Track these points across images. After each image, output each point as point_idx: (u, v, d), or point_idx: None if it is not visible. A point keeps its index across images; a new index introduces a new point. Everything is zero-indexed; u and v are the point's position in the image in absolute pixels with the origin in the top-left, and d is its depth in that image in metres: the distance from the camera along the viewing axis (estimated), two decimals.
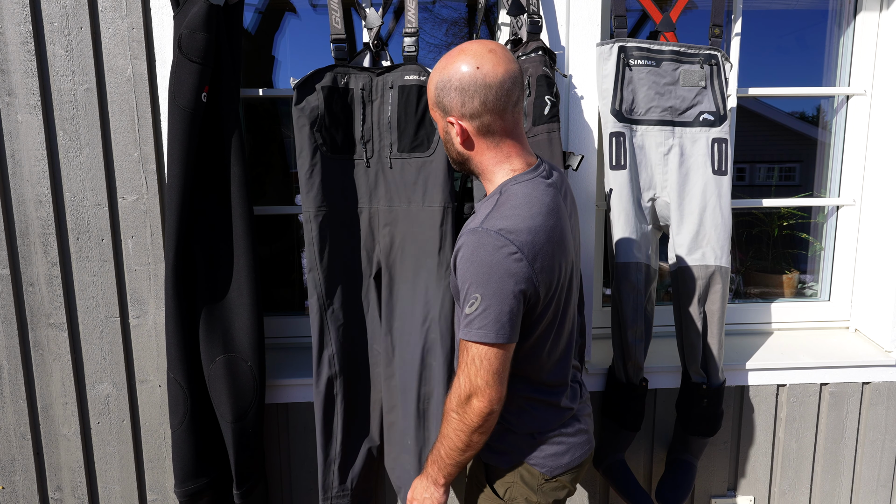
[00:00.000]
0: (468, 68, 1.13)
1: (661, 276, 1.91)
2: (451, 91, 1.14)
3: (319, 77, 1.62)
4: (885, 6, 1.98)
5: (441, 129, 1.23)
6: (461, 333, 1.13)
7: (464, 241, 1.13)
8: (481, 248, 1.09)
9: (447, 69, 1.15)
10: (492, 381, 1.12)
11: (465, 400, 1.14)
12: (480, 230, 1.11)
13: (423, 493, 1.28)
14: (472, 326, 1.10)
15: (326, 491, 1.75)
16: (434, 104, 1.20)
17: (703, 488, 2.02)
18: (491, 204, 1.16)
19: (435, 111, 1.21)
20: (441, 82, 1.16)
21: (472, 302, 1.09)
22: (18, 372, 1.78)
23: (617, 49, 1.71)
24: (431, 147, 1.66)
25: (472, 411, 1.14)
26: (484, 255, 1.09)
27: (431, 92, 1.19)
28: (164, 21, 1.65)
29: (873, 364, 1.98)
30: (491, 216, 1.13)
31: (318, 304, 1.68)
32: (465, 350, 1.13)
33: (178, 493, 1.67)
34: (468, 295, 1.10)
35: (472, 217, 1.20)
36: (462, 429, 1.16)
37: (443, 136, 1.25)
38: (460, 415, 1.16)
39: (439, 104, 1.18)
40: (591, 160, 1.83)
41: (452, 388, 1.18)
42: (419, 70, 1.63)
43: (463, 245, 1.13)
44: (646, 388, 1.80)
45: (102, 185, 1.71)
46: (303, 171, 1.63)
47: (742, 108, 2.05)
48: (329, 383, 1.71)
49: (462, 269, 1.12)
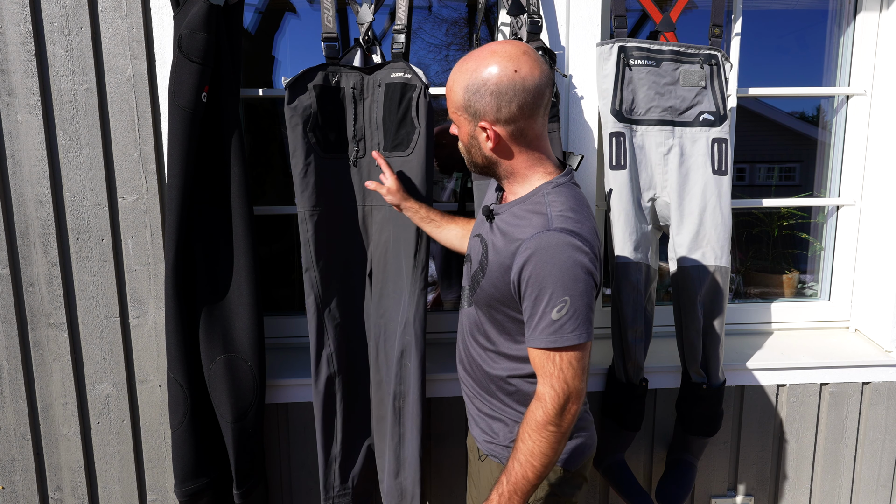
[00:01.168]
0: (505, 71, 1.08)
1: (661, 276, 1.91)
2: (486, 95, 1.09)
3: (311, 76, 1.62)
4: (885, 6, 1.97)
5: (465, 133, 1.17)
6: (544, 341, 1.08)
7: (535, 244, 1.08)
8: (561, 251, 1.07)
9: (479, 71, 1.09)
10: (586, 379, 1.12)
11: (563, 408, 1.09)
12: (553, 232, 1.08)
13: None
14: (564, 331, 1.07)
15: (328, 491, 1.75)
16: (460, 107, 1.13)
17: (703, 488, 2.02)
18: (539, 207, 1.13)
19: (459, 115, 1.15)
20: (473, 85, 1.10)
21: (560, 307, 1.06)
22: (18, 372, 1.78)
23: (617, 49, 1.71)
24: (410, 146, 1.64)
25: (569, 416, 1.11)
26: (565, 258, 1.06)
27: (458, 95, 1.12)
28: (164, 21, 1.65)
29: (873, 364, 1.98)
30: (553, 219, 1.10)
31: (315, 303, 1.68)
32: (556, 356, 1.09)
33: (178, 493, 1.67)
34: (552, 300, 1.06)
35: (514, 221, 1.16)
36: (561, 439, 1.11)
37: (465, 141, 1.18)
38: (558, 425, 1.10)
39: (468, 108, 1.12)
40: (591, 160, 1.83)
41: (539, 403, 1.11)
42: (405, 68, 1.62)
43: (536, 250, 1.08)
44: (646, 388, 1.80)
45: (102, 185, 1.71)
46: (297, 171, 1.63)
47: (742, 108, 2.05)
48: (328, 382, 1.71)
49: (540, 273, 1.07)
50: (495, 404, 1.31)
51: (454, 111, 1.16)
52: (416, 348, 1.65)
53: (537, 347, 1.10)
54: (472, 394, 1.37)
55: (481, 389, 1.33)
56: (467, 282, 1.32)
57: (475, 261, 1.26)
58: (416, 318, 1.65)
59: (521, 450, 1.12)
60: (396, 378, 1.68)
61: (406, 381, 1.68)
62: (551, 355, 1.09)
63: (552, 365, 1.09)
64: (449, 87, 1.15)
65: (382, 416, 1.76)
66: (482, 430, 1.36)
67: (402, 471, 1.71)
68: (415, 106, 1.61)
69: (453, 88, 1.14)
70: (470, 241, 1.36)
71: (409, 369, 1.67)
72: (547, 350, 1.09)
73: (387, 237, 1.70)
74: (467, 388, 1.40)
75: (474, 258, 1.27)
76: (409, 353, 1.66)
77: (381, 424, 1.76)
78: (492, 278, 1.18)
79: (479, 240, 1.27)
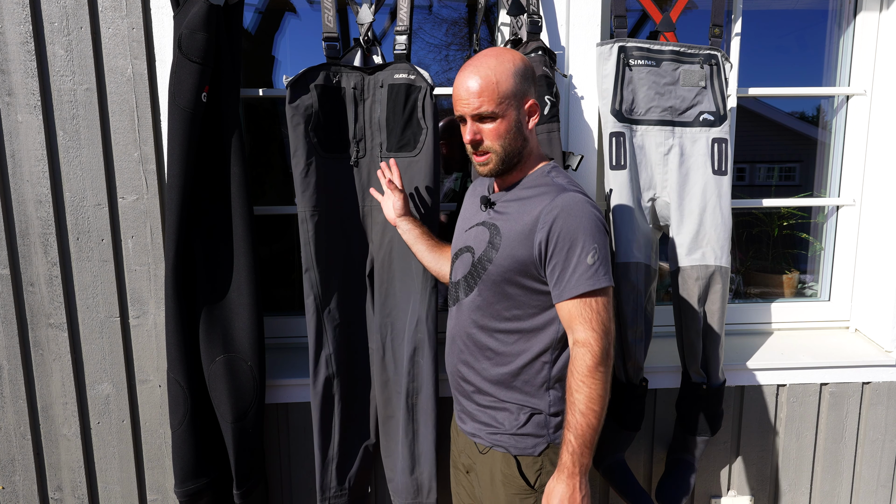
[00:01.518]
0: (521, 58, 1.25)
1: (661, 276, 1.91)
2: (531, 77, 1.26)
3: (313, 75, 1.62)
4: (885, 6, 1.98)
5: (511, 121, 1.24)
6: (583, 286, 1.16)
7: (561, 204, 1.19)
8: (583, 207, 1.19)
9: (516, 60, 1.24)
10: (614, 319, 1.22)
11: (607, 349, 1.17)
12: (571, 193, 1.21)
13: (577, 496, 1.18)
14: (598, 275, 1.17)
15: (324, 491, 1.76)
16: (510, 95, 1.22)
17: (703, 488, 2.02)
18: (547, 181, 1.28)
19: (507, 103, 1.23)
20: (519, 70, 1.23)
21: (592, 253, 1.17)
22: (18, 372, 1.78)
23: (617, 49, 1.71)
24: (417, 147, 1.65)
25: (611, 358, 1.19)
26: (588, 212, 1.19)
27: (509, 83, 1.21)
28: (164, 21, 1.65)
29: (873, 364, 1.98)
30: (566, 186, 1.24)
31: (314, 304, 1.68)
32: (590, 301, 1.17)
33: (178, 493, 1.67)
34: (585, 248, 1.17)
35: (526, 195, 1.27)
36: (609, 380, 1.18)
37: (508, 131, 1.25)
38: (606, 365, 1.17)
39: (517, 93, 1.23)
40: (591, 160, 1.83)
41: (584, 349, 1.17)
42: (408, 69, 1.63)
43: (562, 209, 1.18)
44: (646, 388, 1.80)
45: (102, 185, 1.71)
46: (298, 171, 1.63)
47: (742, 108, 2.05)
48: (327, 384, 1.71)
49: (569, 227, 1.18)
50: (501, 394, 1.32)
51: (501, 101, 1.22)
52: (428, 345, 1.66)
53: (575, 296, 1.18)
54: (473, 389, 1.37)
55: (488, 380, 1.33)
56: (464, 272, 1.35)
57: (480, 246, 1.31)
58: (428, 316, 1.66)
59: (579, 400, 1.16)
60: (409, 376, 1.68)
61: (419, 378, 1.69)
62: (588, 301, 1.17)
63: (590, 310, 1.17)
64: (491, 81, 1.21)
65: (390, 415, 1.75)
66: (483, 423, 1.36)
67: (417, 466, 1.72)
68: (421, 107, 1.62)
69: (501, 79, 1.21)
70: (465, 234, 1.39)
71: (421, 366, 1.68)
72: (584, 297, 1.17)
73: (391, 237, 1.70)
74: (466, 385, 1.39)
75: (477, 245, 1.32)
76: (423, 350, 1.67)
77: (388, 424, 1.76)
78: (508, 249, 1.24)
79: (482, 227, 1.32)
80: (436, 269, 1.55)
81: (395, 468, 1.76)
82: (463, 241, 1.39)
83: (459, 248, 1.40)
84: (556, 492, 1.19)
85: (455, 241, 1.44)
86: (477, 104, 1.22)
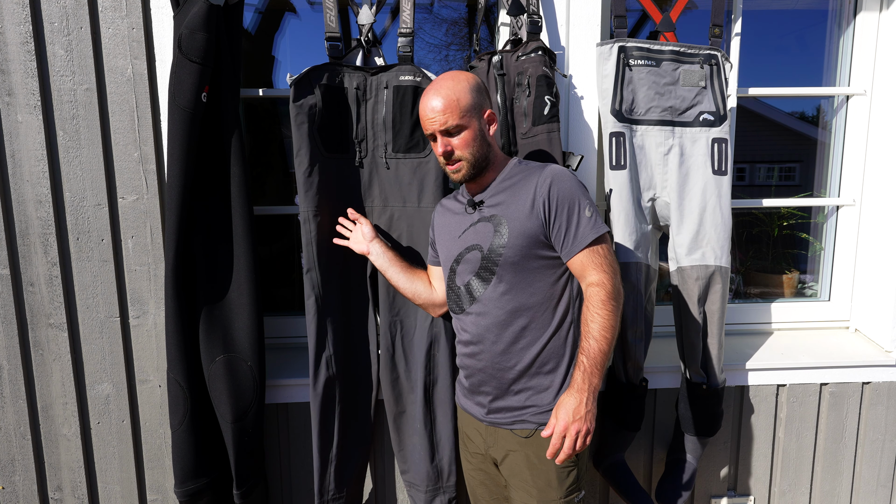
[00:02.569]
0: (474, 77, 1.42)
1: (661, 276, 1.91)
2: (483, 91, 1.42)
3: (317, 74, 1.62)
4: (885, 6, 1.97)
5: (474, 131, 1.39)
6: (590, 237, 1.33)
7: (550, 174, 1.37)
8: (568, 174, 1.38)
9: (469, 78, 1.41)
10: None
11: (617, 286, 1.33)
12: (554, 165, 1.41)
13: (582, 408, 1.25)
14: (598, 224, 1.35)
15: (323, 495, 1.75)
16: (471, 108, 1.38)
17: (703, 488, 2.02)
18: (524, 167, 1.44)
19: (469, 115, 1.38)
20: (473, 86, 1.40)
21: (587, 207, 1.35)
22: (18, 372, 1.78)
23: (617, 49, 1.71)
24: (427, 148, 1.67)
25: (621, 295, 1.34)
26: (573, 177, 1.38)
27: (468, 97, 1.37)
28: (164, 21, 1.65)
29: (873, 364, 1.98)
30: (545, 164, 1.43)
31: (315, 304, 1.68)
32: (597, 249, 1.35)
33: (178, 493, 1.67)
34: (581, 204, 1.35)
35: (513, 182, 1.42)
36: (619, 313, 1.32)
37: (472, 140, 1.39)
38: (616, 300, 1.32)
39: (475, 106, 1.39)
40: (591, 160, 1.83)
41: (597, 287, 1.31)
42: (414, 70, 1.63)
43: (553, 177, 1.36)
44: (646, 388, 1.80)
45: (102, 185, 1.71)
46: (301, 171, 1.63)
47: (742, 108, 2.05)
48: (327, 385, 1.71)
49: (564, 189, 1.35)
50: (538, 379, 1.42)
51: (464, 115, 1.38)
52: (445, 338, 1.70)
53: (584, 247, 1.34)
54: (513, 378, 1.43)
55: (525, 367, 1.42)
56: (474, 270, 1.43)
57: (485, 239, 1.41)
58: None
59: (593, 328, 1.30)
60: (425, 369, 1.72)
61: (436, 370, 1.72)
62: (595, 248, 1.34)
63: (598, 256, 1.34)
64: (452, 99, 1.36)
65: (402, 411, 1.77)
66: (525, 407, 1.43)
67: (437, 453, 1.75)
68: None
69: (460, 96, 1.37)
70: (459, 240, 1.46)
71: (438, 359, 1.71)
72: (591, 245, 1.34)
73: (398, 236, 1.71)
74: (507, 373, 1.43)
75: (482, 239, 1.42)
76: (439, 343, 1.71)
77: (399, 420, 1.78)
78: (517, 229, 1.37)
79: (480, 223, 1.43)
80: (411, 290, 1.63)
81: (410, 460, 1.78)
82: (461, 245, 1.46)
83: (458, 252, 1.46)
84: (565, 402, 1.27)
85: (447, 253, 1.51)
86: (443, 120, 1.36)
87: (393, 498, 1.94)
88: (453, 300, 1.50)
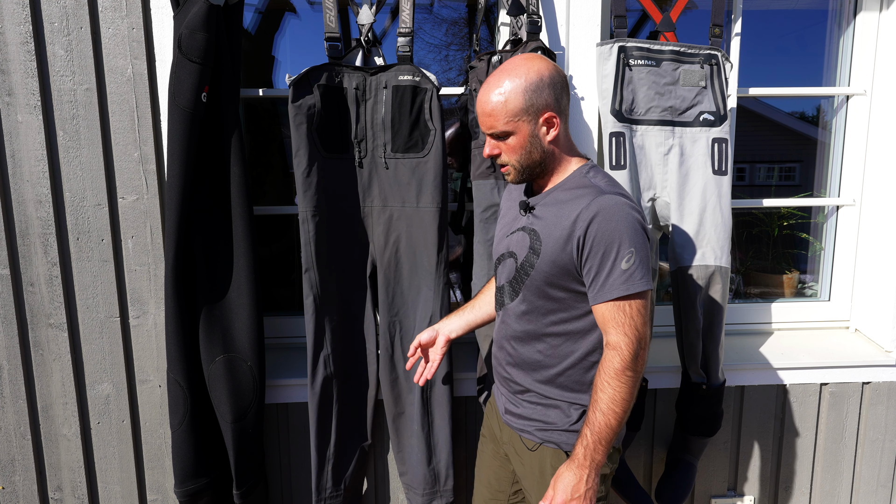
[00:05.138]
0: (551, 68, 1.25)
1: (661, 276, 1.91)
2: (546, 89, 1.23)
3: (316, 75, 1.62)
4: (885, 6, 1.97)
5: (525, 136, 1.25)
6: (618, 291, 1.18)
7: (596, 208, 1.19)
8: (620, 209, 1.19)
9: (530, 74, 1.22)
10: (651, 325, 1.22)
11: (637, 354, 1.19)
12: (609, 195, 1.21)
13: (581, 486, 1.20)
14: (633, 279, 1.18)
15: (320, 492, 1.76)
16: (520, 111, 1.23)
17: (703, 488, 2.02)
18: (584, 182, 1.27)
19: (518, 120, 1.23)
20: (531, 86, 1.22)
21: (628, 257, 1.17)
22: (18, 372, 1.78)
23: (617, 49, 1.71)
24: (426, 148, 1.66)
25: (641, 362, 1.20)
26: (625, 214, 1.19)
27: (517, 100, 1.22)
28: (164, 21, 1.65)
29: (873, 364, 1.98)
30: (604, 188, 1.24)
31: (314, 304, 1.68)
32: (626, 305, 1.19)
33: (178, 493, 1.67)
34: (621, 252, 1.17)
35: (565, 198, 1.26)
36: (636, 384, 1.20)
37: (523, 146, 1.26)
38: (634, 370, 1.19)
39: (530, 108, 1.23)
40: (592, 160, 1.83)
41: (615, 352, 1.19)
42: (413, 70, 1.63)
43: (599, 211, 1.19)
44: (646, 388, 1.80)
45: (102, 185, 1.71)
46: (300, 171, 1.63)
47: (742, 108, 2.05)
48: (325, 384, 1.71)
49: (605, 230, 1.18)
50: (551, 392, 1.34)
51: (510, 120, 1.23)
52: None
53: (609, 300, 1.19)
54: (521, 389, 1.39)
55: (537, 381, 1.36)
56: (508, 278, 1.36)
57: (522, 251, 1.32)
58: (441, 312, 1.69)
59: (602, 399, 1.19)
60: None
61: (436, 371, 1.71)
62: (622, 305, 1.19)
63: (623, 314, 1.19)
64: (499, 102, 1.23)
65: (400, 412, 1.77)
66: (533, 420, 1.38)
67: (434, 456, 1.75)
68: (428, 108, 1.64)
69: (508, 99, 1.22)
70: (506, 240, 1.39)
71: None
72: (618, 300, 1.19)
73: (397, 236, 1.71)
74: (514, 385, 1.40)
75: (519, 250, 1.33)
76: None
77: (398, 421, 1.78)
78: (549, 255, 1.25)
79: (522, 232, 1.33)
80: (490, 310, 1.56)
81: (409, 462, 1.78)
82: (505, 247, 1.40)
83: (502, 252, 1.41)
84: (563, 478, 1.21)
85: (497, 246, 1.45)
86: (490, 124, 1.26)
87: (391, 498, 1.94)
88: (496, 295, 1.45)
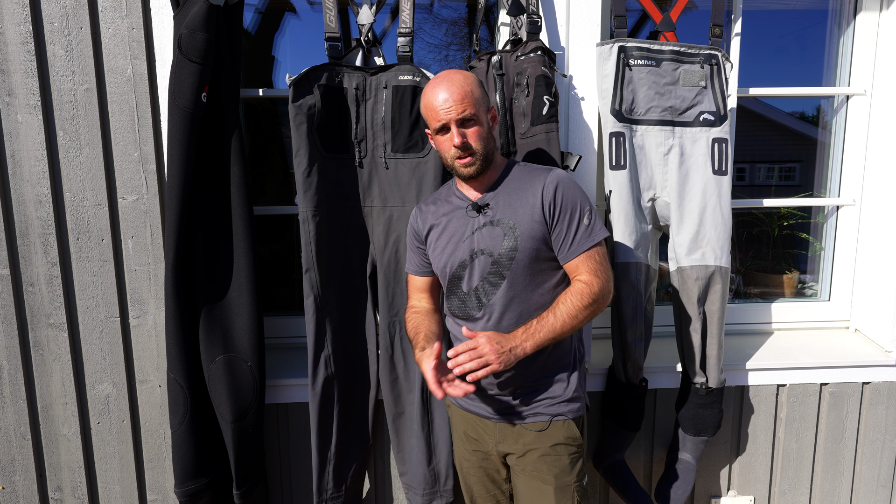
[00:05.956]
0: (476, 77, 1.42)
1: (661, 276, 1.91)
2: (482, 87, 1.41)
3: (316, 75, 1.62)
4: (885, 6, 1.97)
5: (483, 127, 1.38)
6: (585, 245, 1.37)
7: (555, 179, 1.38)
8: (571, 179, 1.41)
9: (470, 76, 1.39)
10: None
11: (604, 292, 1.36)
12: (558, 170, 1.43)
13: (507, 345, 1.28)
14: (595, 230, 1.38)
15: (321, 493, 1.76)
16: (480, 101, 1.37)
17: (703, 488, 2.02)
18: (528, 168, 1.45)
19: (479, 109, 1.37)
20: (477, 82, 1.39)
21: (588, 213, 1.39)
22: (18, 372, 1.78)
23: (617, 49, 1.71)
24: (426, 148, 1.67)
25: (604, 303, 1.38)
26: (575, 183, 1.41)
27: (478, 91, 1.37)
28: (164, 21, 1.65)
29: (873, 364, 1.98)
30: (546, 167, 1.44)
31: (314, 304, 1.68)
32: (594, 254, 1.38)
33: (178, 493, 1.67)
34: (583, 211, 1.38)
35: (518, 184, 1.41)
36: (590, 317, 1.37)
37: (483, 131, 1.37)
38: (596, 304, 1.35)
39: (484, 99, 1.39)
40: (591, 160, 1.83)
41: (586, 286, 1.35)
42: (413, 70, 1.63)
43: (559, 181, 1.38)
44: (646, 388, 1.80)
45: (102, 185, 1.71)
46: (300, 171, 1.63)
47: (742, 108, 2.05)
48: (326, 384, 1.71)
49: (568, 195, 1.38)
50: (552, 369, 1.45)
51: (477, 106, 1.36)
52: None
53: (581, 252, 1.37)
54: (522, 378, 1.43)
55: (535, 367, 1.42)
56: (484, 273, 1.41)
57: (495, 243, 1.40)
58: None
59: (561, 308, 1.34)
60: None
61: None
62: (591, 253, 1.38)
63: (593, 261, 1.38)
64: (466, 90, 1.35)
65: (400, 412, 1.77)
66: (540, 400, 1.45)
67: (434, 456, 1.76)
68: None
69: (472, 88, 1.36)
70: (465, 244, 1.41)
71: None
72: (587, 250, 1.37)
73: (397, 236, 1.71)
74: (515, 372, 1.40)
75: (492, 244, 1.40)
76: None
77: (398, 421, 1.78)
78: (527, 231, 1.37)
79: (487, 227, 1.41)
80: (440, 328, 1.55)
81: (409, 462, 1.78)
82: (466, 250, 1.41)
83: (463, 257, 1.41)
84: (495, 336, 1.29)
85: (449, 257, 1.44)
86: (461, 108, 1.34)
87: (392, 498, 1.94)
88: (458, 306, 1.44)
